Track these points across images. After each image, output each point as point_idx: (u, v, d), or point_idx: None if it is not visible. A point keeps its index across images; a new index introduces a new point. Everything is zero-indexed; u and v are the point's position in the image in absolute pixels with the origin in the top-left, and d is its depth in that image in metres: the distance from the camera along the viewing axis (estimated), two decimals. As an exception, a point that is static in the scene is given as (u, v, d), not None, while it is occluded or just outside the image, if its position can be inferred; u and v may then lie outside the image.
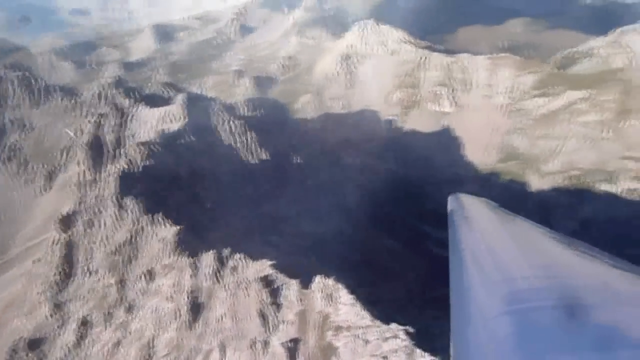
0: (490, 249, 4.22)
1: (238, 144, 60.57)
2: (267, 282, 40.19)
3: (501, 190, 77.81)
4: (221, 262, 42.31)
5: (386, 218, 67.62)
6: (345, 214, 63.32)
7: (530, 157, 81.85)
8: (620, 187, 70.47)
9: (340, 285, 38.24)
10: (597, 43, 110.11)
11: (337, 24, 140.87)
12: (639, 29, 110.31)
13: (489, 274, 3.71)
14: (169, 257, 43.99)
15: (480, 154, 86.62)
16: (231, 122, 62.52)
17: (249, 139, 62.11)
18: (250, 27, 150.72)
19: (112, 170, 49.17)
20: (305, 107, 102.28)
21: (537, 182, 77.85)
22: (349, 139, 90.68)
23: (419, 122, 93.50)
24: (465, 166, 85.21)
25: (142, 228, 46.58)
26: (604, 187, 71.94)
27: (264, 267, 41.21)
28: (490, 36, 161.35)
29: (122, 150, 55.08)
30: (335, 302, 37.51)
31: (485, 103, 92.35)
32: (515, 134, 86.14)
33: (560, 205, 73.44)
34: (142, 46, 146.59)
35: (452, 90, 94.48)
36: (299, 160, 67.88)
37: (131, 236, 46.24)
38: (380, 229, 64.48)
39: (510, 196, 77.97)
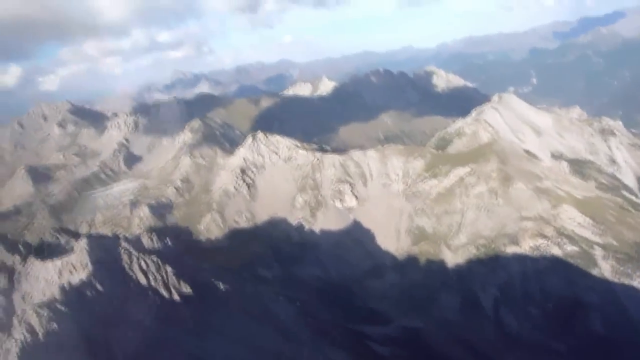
0: None
1: (154, 282, 55.30)
2: None
3: (423, 273, 79.75)
4: None
5: (323, 327, 64.73)
6: (281, 333, 59.50)
7: (439, 234, 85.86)
8: (525, 246, 75.78)
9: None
10: (462, 124, 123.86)
11: (225, 141, 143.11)
12: (491, 107, 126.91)
13: None
14: None
15: (392, 240, 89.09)
16: (141, 260, 57.43)
17: (164, 274, 57.15)
18: (136, 155, 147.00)
19: (10, 346, 41.42)
20: (209, 227, 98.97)
21: (451, 258, 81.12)
22: (262, 251, 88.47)
23: (327, 221, 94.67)
24: (382, 256, 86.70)
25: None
26: (510, 249, 76.88)
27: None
28: (368, 130, 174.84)
29: (17, 319, 47.11)
30: None
31: (385, 192, 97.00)
32: (419, 216, 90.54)
33: (478, 275, 76.61)
34: (15, 192, 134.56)
35: (352, 185, 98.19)
36: (220, 286, 63.65)
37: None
38: (321, 341, 61.24)
39: (432, 276, 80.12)
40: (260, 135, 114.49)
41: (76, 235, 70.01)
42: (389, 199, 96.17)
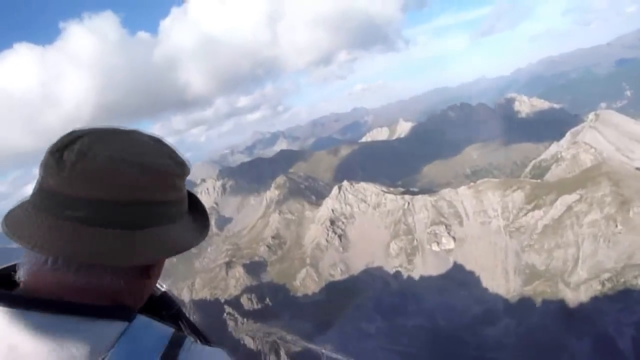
0: None
1: (261, 346, 54.32)
2: None
3: (541, 315, 72.17)
4: None
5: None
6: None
7: (553, 271, 78.07)
8: (661, 278, 66.50)
9: None
10: (558, 148, 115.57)
11: (311, 193, 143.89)
12: (589, 127, 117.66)
13: None
14: None
15: (500, 281, 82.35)
16: (246, 324, 56.94)
17: (267, 337, 56.10)
18: (227, 217, 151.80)
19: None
20: (305, 282, 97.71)
21: (572, 296, 72.94)
22: (362, 303, 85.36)
23: (426, 266, 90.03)
24: (493, 299, 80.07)
25: None
26: (644, 281, 67.81)
27: None
28: (453, 167, 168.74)
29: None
30: None
31: (485, 230, 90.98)
32: (527, 252, 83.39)
33: (609, 314, 67.88)
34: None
35: (448, 226, 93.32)
36: (321, 336, 61.30)
37: None
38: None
39: (552, 319, 72.24)
40: (345, 184, 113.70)
41: (180, 302, 71.39)
42: (489, 237, 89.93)
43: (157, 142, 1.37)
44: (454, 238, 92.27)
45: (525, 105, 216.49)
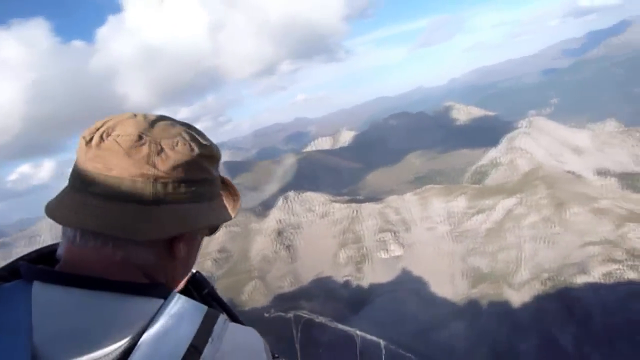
0: None
1: None
2: None
3: (489, 317, 73.77)
4: None
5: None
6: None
7: (497, 273, 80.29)
8: (596, 274, 69.72)
9: None
10: (495, 154, 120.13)
11: (256, 205, 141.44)
12: (523, 133, 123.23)
13: None
14: None
15: (448, 286, 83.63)
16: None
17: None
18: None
19: None
20: (253, 296, 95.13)
21: (516, 297, 75.14)
22: (309, 316, 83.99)
23: (375, 273, 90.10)
24: (442, 303, 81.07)
25: None
26: (580, 279, 70.87)
27: None
28: (397, 174, 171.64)
29: None
30: None
31: (431, 235, 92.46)
32: (472, 256, 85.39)
33: (551, 313, 70.36)
34: None
35: (395, 233, 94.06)
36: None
37: None
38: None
39: (499, 320, 74.09)
40: (291, 194, 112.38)
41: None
42: (436, 243, 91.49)
43: (184, 125, 1.44)
44: (402, 245, 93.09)
45: (462, 113, 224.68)
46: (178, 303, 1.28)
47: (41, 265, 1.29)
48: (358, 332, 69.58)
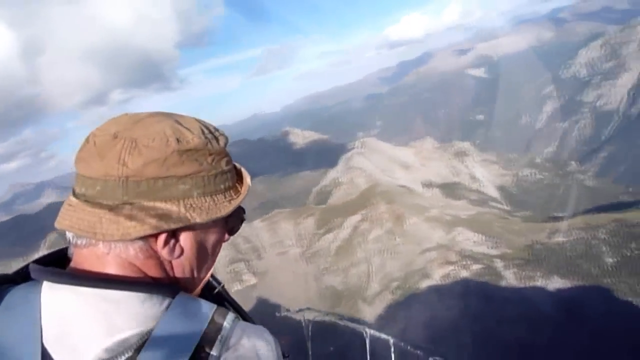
0: None
1: None
2: None
3: (349, 335, 75.20)
4: None
5: None
6: None
7: (352, 289, 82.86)
8: (436, 277, 76.08)
9: None
10: (335, 174, 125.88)
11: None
12: (357, 154, 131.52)
13: None
14: None
15: (306, 307, 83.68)
16: None
17: None
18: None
19: None
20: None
21: (370, 311, 78.22)
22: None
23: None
24: (300, 327, 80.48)
25: None
26: (424, 284, 76.64)
27: None
28: (242, 202, 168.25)
29: None
30: None
31: (283, 260, 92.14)
32: (325, 275, 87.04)
33: (401, 321, 74.46)
34: None
35: (247, 263, 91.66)
36: None
37: None
38: None
39: (358, 335, 75.99)
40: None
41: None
42: (289, 266, 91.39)
43: (171, 120, 1.37)
44: (255, 273, 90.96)
45: (299, 137, 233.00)
46: (186, 302, 1.28)
47: (51, 267, 1.33)
48: (367, 330, 71.69)
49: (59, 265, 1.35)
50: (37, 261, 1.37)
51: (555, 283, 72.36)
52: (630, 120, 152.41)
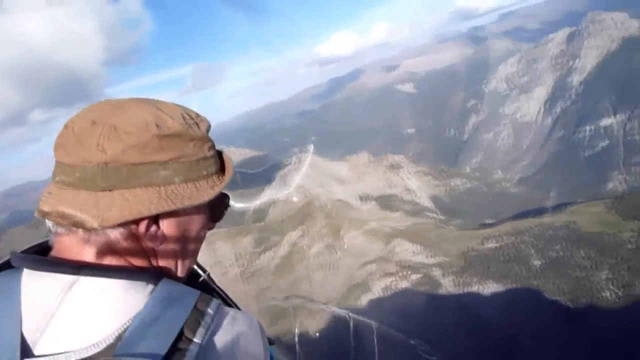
0: None
1: None
2: None
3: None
4: None
5: None
6: None
7: (293, 306, 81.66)
8: (378, 290, 76.73)
9: None
10: (272, 191, 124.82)
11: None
12: (293, 170, 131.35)
13: None
14: None
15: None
16: None
17: None
18: None
19: None
20: None
21: (313, 326, 77.39)
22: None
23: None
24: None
25: None
26: (365, 298, 77.02)
27: None
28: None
29: None
30: None
31: (223, 280, 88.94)
32: (267, 293, 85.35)
33: (345, 337, 74.21)
34: None
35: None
36: None
37: None
38: None
39: (304, 352, 74.84)
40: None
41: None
42: (229, 287, 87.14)
43: (151, 106, 1.36)
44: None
45: (235, 155, 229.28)
46: (169, 288, 1.26)
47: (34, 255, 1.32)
48: (350, 314, 73.55)
49: (45, 255, 1.34)
50: (24, 251, 1.38)
51: (490, 287, 75.13)
52: (546, 130, 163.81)
